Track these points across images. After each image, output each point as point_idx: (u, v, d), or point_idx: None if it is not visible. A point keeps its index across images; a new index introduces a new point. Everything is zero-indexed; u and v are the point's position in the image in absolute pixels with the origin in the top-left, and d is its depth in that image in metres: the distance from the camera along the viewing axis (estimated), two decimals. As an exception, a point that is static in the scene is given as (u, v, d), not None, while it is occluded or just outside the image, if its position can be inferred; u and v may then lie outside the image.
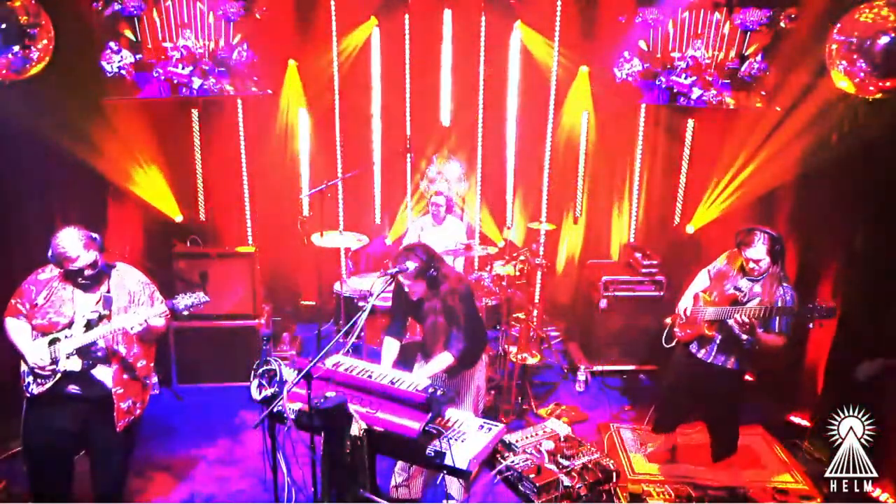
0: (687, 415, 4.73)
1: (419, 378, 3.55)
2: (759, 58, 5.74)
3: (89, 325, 3.43)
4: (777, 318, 3.96)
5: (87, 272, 3.41)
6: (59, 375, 3.43)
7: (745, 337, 4.07)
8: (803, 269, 5.28)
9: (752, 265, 4.05)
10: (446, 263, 3.90)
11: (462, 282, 3.87)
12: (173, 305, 3.55)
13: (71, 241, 3.36)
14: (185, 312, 3.59)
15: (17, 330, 3.48)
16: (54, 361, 3.41)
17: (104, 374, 3.52)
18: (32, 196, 5.16)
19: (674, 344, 4.49)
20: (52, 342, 3.42)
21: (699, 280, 4.44)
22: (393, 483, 3.95)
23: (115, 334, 3.47)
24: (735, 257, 4.24)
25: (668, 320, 4.56)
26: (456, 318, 3.74)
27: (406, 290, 3.75)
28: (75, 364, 3.43)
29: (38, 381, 3.44)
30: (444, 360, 3.73)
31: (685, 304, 4.43)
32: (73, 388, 3.48)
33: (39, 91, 4.95)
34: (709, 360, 4.26)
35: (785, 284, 4.03)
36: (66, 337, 3.43)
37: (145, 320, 3.42)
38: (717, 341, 4.22)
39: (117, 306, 3.50)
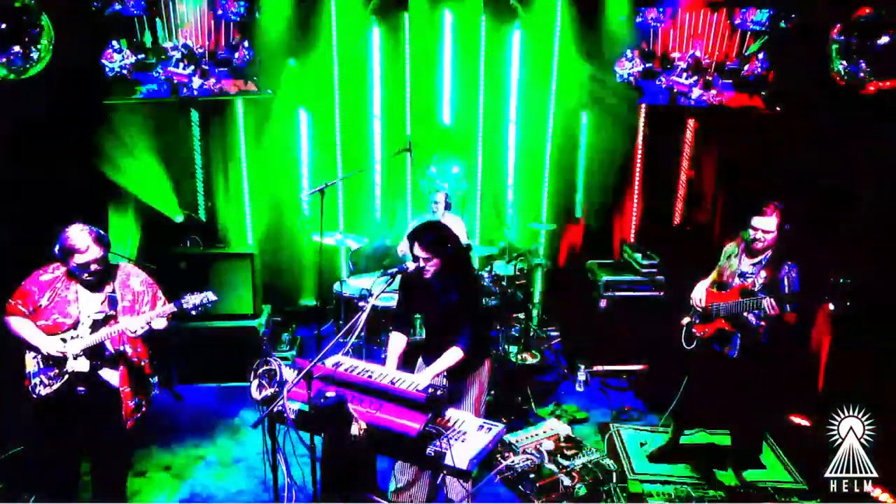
0: (712, 415, 4.67)
1: (427, 376, 3.52)
2: (759, 58, 5.74)
3: (95, 326, 3.42)
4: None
5: (94, 267, 3.38)
6: (66, 376, 3.41)
7: (763, 324, 4.03)
8: (803, 269, 5.27)
9: (759, 235, 3.96)
10: (462, 245, 3.83)
11: (475, 271, 3.81)
12: (181, 305, 3.51)
13: (80, 234, 3.35)
14: (194, 312, 3.54)
15: (24, 325, 3.43)
16: (65, 360, 3.40)
17: (110, 374, 3.51)
18: (32, 196, 5.15)
19: (694, 345, 4.38)
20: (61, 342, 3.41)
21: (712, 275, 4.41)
22: (393, 488, 3.91)
23: (122, 334, 3.47)
24: (738, 242, 4.20)
25: (685, 321, 4.45)
26: (468, 304, 3.67)
27: (422, 269, 3.61)
28: (83, 365, 3.41)
29: (46, 382, 3.42)
30: (453, 355, 3.62)
31: (697, 295, 4.39)
32: (79, 390, 3.46)
33: (39, 91, 4.95)
34: (734, 356, 4.18)
35: (789, 262, 3.97)
36: (72, 338, 3.41)
37: (148, 322, 3.42)
38: (739, 336, 4.15)
39: (122, 306, 3.49)
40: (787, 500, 4.38)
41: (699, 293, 4.38)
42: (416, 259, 3.59)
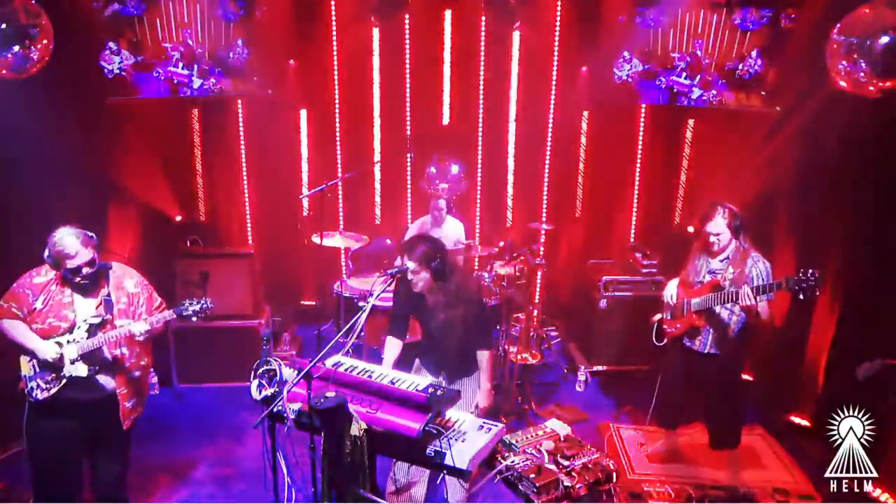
0: (689, 410, 4.71)
1: (483, 392, 3.73)
2: (758, 57, 5.74)
3: (92, 330, 3.38)
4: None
5: (86, 270, 3.33)
6: (64, 381, 3.37)
7: (736, 319, 4.08)
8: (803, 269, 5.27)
9: (713, 239, 4.05)
10: (453, 257, 3.86)
11: (471, 278, 3.85)
12: (180, 312, 3.51)
13: (68, 238, 3.29)
14: (194, 318, 3.54)
15: (18, 328, 3.36)
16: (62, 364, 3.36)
17: (107, 377, 3.48)
18: (32, 196, 5.15)
19: (665, 342, 4.46)
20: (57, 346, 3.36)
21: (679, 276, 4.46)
22: (392, 488, 3.89)
23: (119, 337, 3.43)
24: (700, 244, 4.25)
25: (656, 318, 4.53)
26: (470, 311, 3.69)
27: (410, 281, 3.66)
28: (81, 370, 3.36)
29: (43, 387, 3.37)
30: (488, 358, 3.79)
31: (669, 292, 4.44)
32: (77, 394, 3.41)
33: (39, 91, 4.95)
34: (705, 351, 4.24)
35: (754, 254, 4.03)
36: (68, 342, 3.35)
37: (150, 325, 3.40)
38: (710, 331, 4.21)
39: (118, 309, 3.46)
40: (787, 500, 4.38)
41: (671, 290, 4.43)
42: (407, 270, 3.62)
